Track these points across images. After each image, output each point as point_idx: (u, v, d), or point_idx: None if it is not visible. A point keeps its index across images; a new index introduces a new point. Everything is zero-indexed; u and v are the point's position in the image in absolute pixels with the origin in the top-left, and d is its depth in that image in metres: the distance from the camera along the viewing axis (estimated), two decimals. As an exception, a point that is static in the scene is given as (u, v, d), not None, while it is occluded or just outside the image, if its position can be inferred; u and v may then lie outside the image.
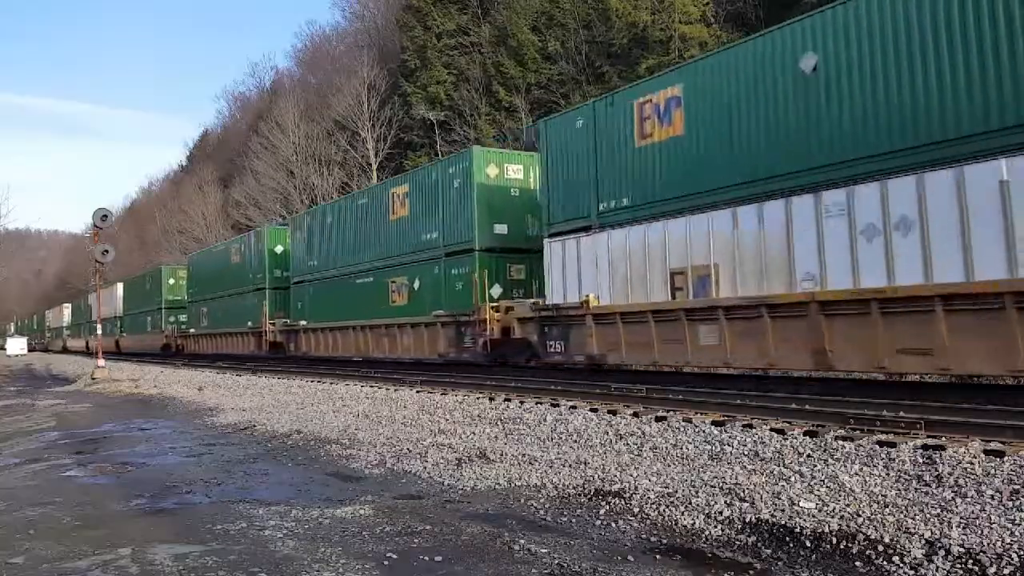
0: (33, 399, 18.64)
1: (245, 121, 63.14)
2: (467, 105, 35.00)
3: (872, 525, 4.42)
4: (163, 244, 63.48)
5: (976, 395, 7.71)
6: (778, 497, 5.10)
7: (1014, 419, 6.54)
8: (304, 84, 52.18)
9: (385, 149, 39.98)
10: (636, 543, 4.64)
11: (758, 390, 9.58)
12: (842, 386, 9.25)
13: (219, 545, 4.87)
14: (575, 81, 31.05)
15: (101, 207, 25.77)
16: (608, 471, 6.27)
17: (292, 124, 45.02)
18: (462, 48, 37.00)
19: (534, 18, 32.87)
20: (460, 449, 7.67)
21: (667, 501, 5.31)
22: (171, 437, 10.17)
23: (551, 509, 5.48)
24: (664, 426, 7.95)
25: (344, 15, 56.67)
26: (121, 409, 14.73)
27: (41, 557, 4.79)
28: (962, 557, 3.91)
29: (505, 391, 12.09)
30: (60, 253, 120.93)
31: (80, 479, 7.54)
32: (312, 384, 16.58)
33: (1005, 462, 5.45)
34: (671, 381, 11.07)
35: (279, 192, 45.39)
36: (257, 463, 7.86)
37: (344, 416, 10.76)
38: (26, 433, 11.69)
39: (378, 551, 4.63)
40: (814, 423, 7.53)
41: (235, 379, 19.86)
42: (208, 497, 6.36)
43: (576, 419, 8.81)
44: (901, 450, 6.05)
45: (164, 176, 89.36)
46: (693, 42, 26.29)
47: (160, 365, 30.72)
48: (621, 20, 28.24)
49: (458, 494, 6.09)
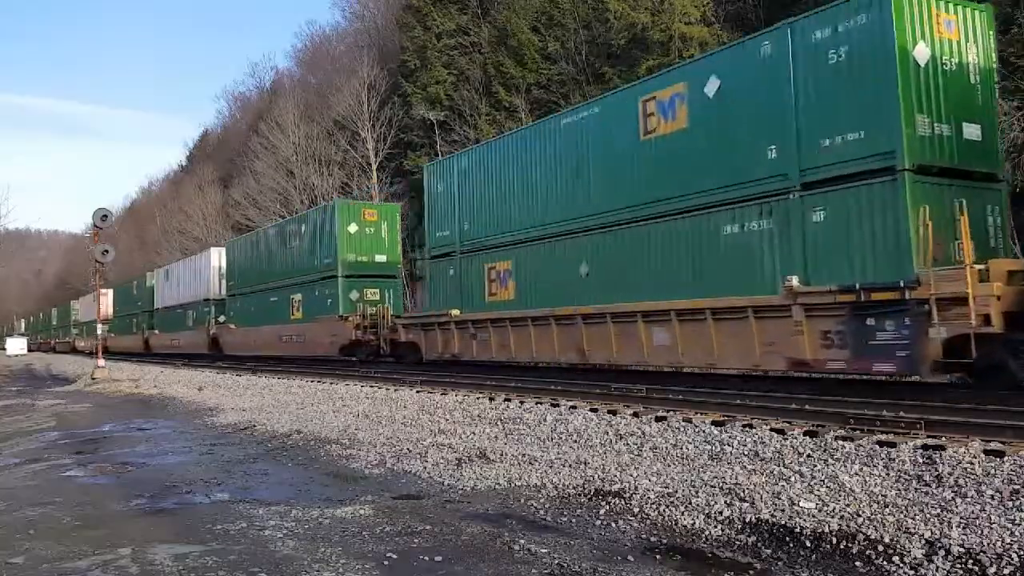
0: (33, 399, 18.63)
1: (245, 121, 63.08)
2: (467, 105, 34.97)
3: (872, 525, 4.42)
4: (163, 244, 63.41)
5: (976, 395, 7.70)
6: (778, 497, 5.10)
7: (1014, 419, 6.54)
8: (304, 84, 52.14)
9: (385, 149, 39.93)
10: (636, 543, 4.64)
11: (758, 390, 9.58)
12: (842, 386, 9.25)
13: (219, 545, 4.87)
14: (575, 81, 31.02)
15: (101, 207, 25.79)
16: (608, 471, 6.27)
17: (292, 124, 44.97)
18: (462, 48, 36.97)
19: (534, 18, 32.83)
20: (460, 449, 7.67)
21: (667, 501, 5.31)
22: (171, 437, 10.17)
23: (551, 509, 5.48)
24: (664, 426, 7.94)
25: (344, 15, 56.50)
26: (121, 409, 14.72)
27: (41, 557, 4.79)
28: (962, 557, 3.91)
29: (505, 391, 12.09)
30: (60, 253, 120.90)
31: (80, 479, 7.54)
32: (312, 384, 16.57)
33: (1005, 462, 5.44)
34: (671, 381, 11.08)
35: (279, 192, 45.34)
36: (257, 463, 7.86)
37: (344, 416, 10.76)
38: (26, 433, 11.68)
39: (378, 551, 4.63)
40: (814, 423, 7.52)
41: (235, 379, 19.86)
42: (208, 497, 6.36)
43: (576, 419, 8.81)
44: (901, 450, 6.05)
45: (164, 176, 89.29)
46: (693, 42, 26.27)
47: (160, 365, 30.72)
48: (620, 21, 28.22)
49: (458, 494, 6.08)
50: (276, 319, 24.47)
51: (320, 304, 21.55)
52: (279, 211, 43.65)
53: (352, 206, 22.47)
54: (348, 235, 21.11)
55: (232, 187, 53.92)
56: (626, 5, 28.10)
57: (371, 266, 21.35)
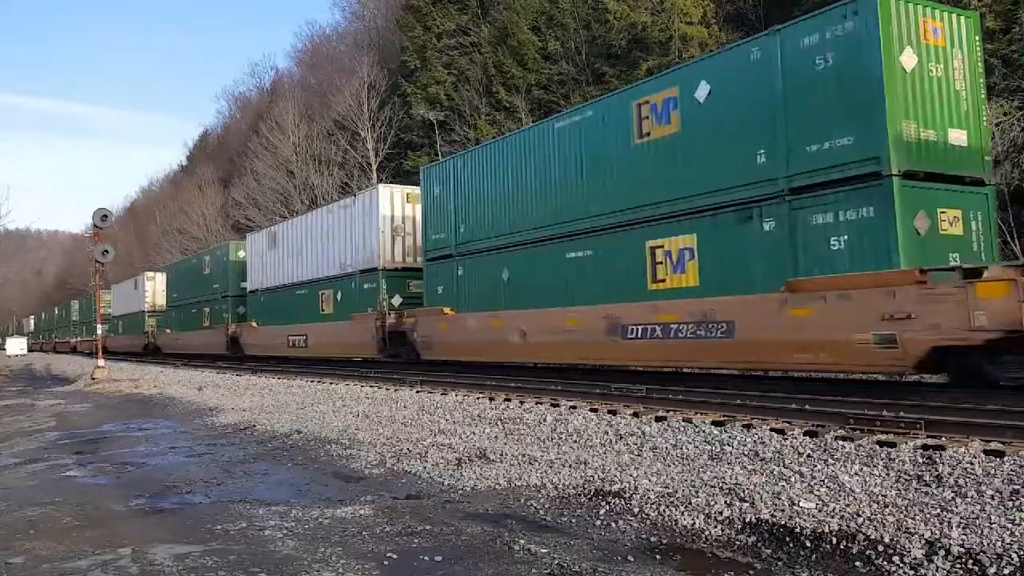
0: (33, 399, 18.64)
1: (245, 121, 63.07)
2: (467, 105, 34.98)
3: (872, 525, 4.42)
4: (163, 244, 63.43)
5: (976, 395, 7.70)
6: (778, 497, 5.10)
7: (1014, 419, 6.54)
8: (304, 84, 52.12)
9: (385, 149, 39.96)
10: (636, 543, 4.64)
11: (758, 390, 9.58)
12: (842, 386, 9.25)
13: (219, 545, 4.87)
14: (575, 81, 31.04)
15: (101, 207, 25.73)
16: (608, 471, 6.27)
17: (292, 124, 45.01)
18: (462, 48, 36.97)
19: (534, 18, 32.85)
20: (460, 449, 7.67)
21: (667, 501, 5.31)
22: (171, 437, 10.17)
23: (551, 509, 5.48)
24: (664, 426, 7.95)
25: (344, 15, 56.60)
26: (121, 409, 14.72)
27: (41, 557, 4.79)
28: (962, 557, 3.91)
29: (505, 391, 12.09)
30: (60, 253, 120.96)
31: (80, 479, 7.54)
32: (312, 384, 16.58)
33: (1005, 462, 5.44)
34: (671, 381, 11.07)
35: (279, 192, 45.38)
36: (257, 463, 7.86)
37: (344, 416, 10.76)
38: (26, 433, 11.69)
39: (378, 551, 4.63)
40: (814, 423, 7.53)
41: (235, 379, 19.86)
42: (208, 497, 6.36)
43: (576, 419, 8.81)
44: (901, 450, 6.05)
45: (164, 176, 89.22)
46: (693, 42, 26.29)
47: (160, 365, 30.71)
48: (620, 21, 28.23)
49: (458, 494, 6.09)
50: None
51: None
52: (279, 211, 43.66)
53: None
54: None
55: (232, 187, 53.93)
56: (626, 5, 28.12)
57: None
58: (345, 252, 19.38)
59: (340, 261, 19.59)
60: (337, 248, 19.82)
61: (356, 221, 18.89)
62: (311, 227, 21.53)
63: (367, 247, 18.28)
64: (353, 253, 18.96)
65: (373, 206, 18.02)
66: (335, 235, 19.95)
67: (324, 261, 20.47)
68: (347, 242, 19.32)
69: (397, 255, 17.99)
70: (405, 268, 17.99)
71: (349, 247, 19.20)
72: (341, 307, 19.46)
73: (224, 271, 27.84)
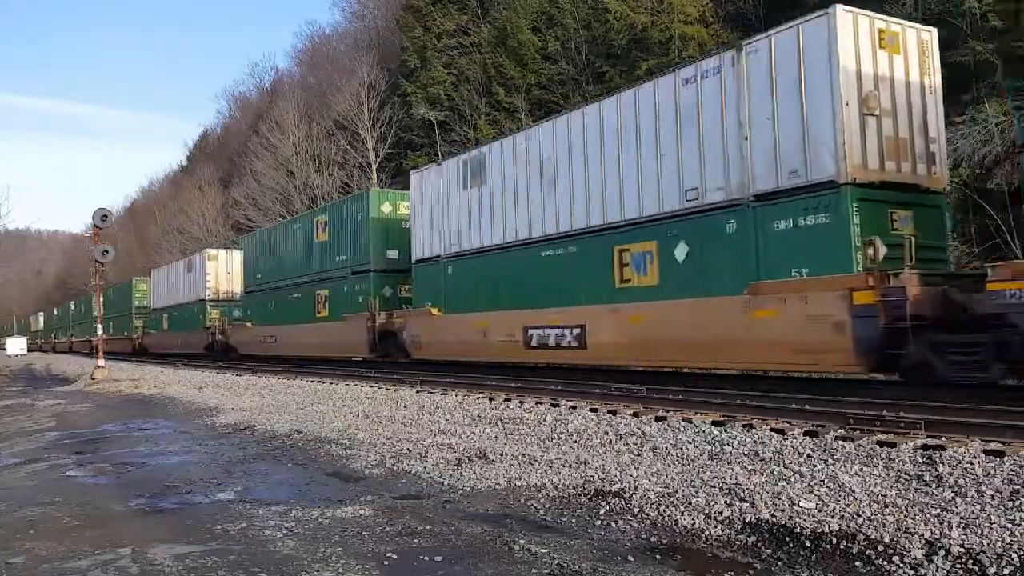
0: (33, 399, 18.64)
1: (245, 121, 63.07)
2: (467, 105, 34.98)
3: (872, 525, 4.42)
4: (163, 244, 63.43)
5: (976, 395, 7.71)
6: (778, 497, 5.10)
7: (1014, 419, 6.54)
8: (304, 84, 52.12)
9: (385, 149, 39.96)
10: (636, 543, 4.64)
11: (758, 390, 9.59)
12: (842, 386, 9.25)
13: (219, 545, 4.87)
14: (575, 81, 31.03)
15: (101, 207, 25.69)
16: (608, 471, 6.27)
17: (292, 124, 45.00)
18: (462, 48, 36.96)
19: (534, 18, 32.83)
20: (460, 449, 7.67)
21: (667, 501, 5.31)
22: (171, 437, 10.17)
23: (551, 509, 5.48)
24: (664, 426, 7.95)
25: (344, 15, 56.64)
26: (121, 409, 14.72)
27: (41, 557, 4.79)
28: (962, 557, 3.91)
29: (505, 391, 12.09)
30: (60, 253, 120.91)
31: (80, 479, 7.54)
32: (312, 384, 16.58)
33: (1005, 462, 5.45)
34: (671, 381, 11.08)
35: (279, 192, 45.36)
36: (257, 463, 7.86)
37: (344, 416, 10.76)
38: (26, 433, 11.69)
39: (378, 551, 4.63)
40: (814, 423, 7.53)
41: (235, 379, 19.86)
42: (208, 497, 6.36)
43: (576, 419, 8.81)
44: (901, 450, 6.05)
45: (164, 176, 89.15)
46: (693, 42, 26.28)
47: (160, 365, 30.70)
48: (620, 21, 28.23)
49: (458, 494, 6.08)
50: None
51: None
52: (279, 211, 43.66)
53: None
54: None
55: (232, 187, 53.92)
56: (625, 5, 28.11)
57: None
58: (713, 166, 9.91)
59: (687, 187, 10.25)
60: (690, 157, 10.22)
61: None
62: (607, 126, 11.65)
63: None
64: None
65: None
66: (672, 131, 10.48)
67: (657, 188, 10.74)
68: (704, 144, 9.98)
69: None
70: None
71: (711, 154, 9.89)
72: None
73: (358, 234, 19.40)
